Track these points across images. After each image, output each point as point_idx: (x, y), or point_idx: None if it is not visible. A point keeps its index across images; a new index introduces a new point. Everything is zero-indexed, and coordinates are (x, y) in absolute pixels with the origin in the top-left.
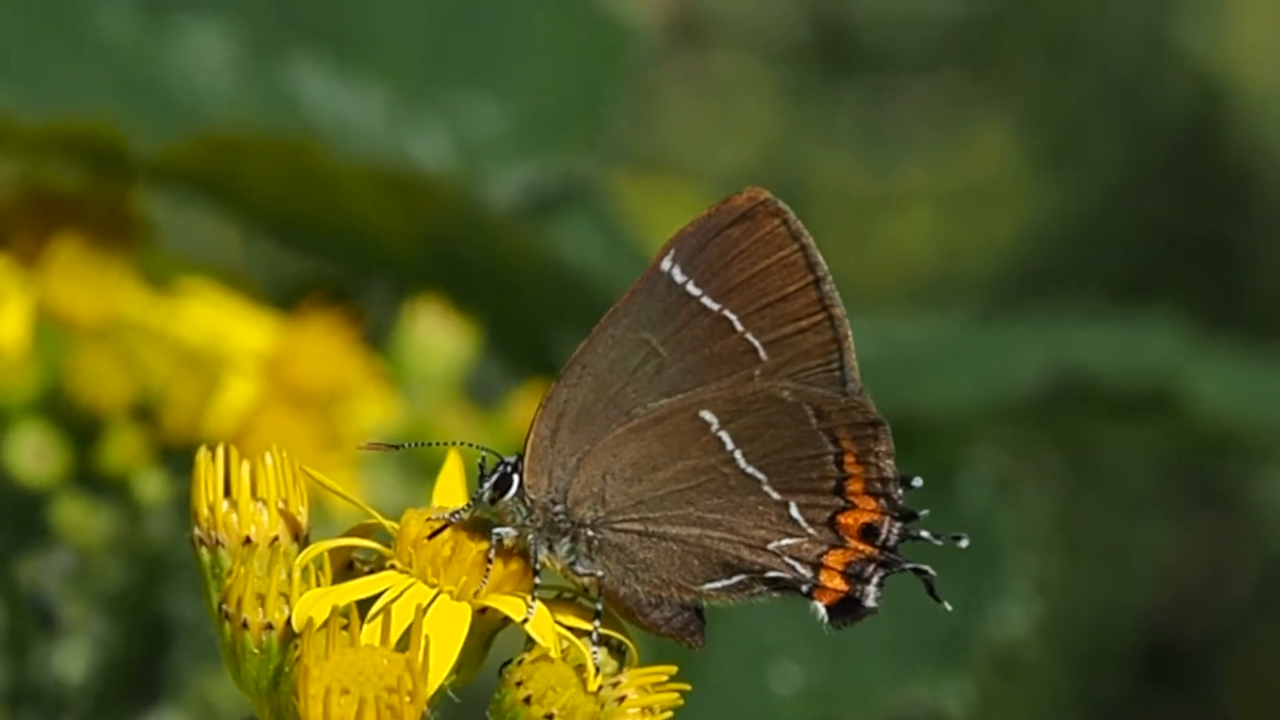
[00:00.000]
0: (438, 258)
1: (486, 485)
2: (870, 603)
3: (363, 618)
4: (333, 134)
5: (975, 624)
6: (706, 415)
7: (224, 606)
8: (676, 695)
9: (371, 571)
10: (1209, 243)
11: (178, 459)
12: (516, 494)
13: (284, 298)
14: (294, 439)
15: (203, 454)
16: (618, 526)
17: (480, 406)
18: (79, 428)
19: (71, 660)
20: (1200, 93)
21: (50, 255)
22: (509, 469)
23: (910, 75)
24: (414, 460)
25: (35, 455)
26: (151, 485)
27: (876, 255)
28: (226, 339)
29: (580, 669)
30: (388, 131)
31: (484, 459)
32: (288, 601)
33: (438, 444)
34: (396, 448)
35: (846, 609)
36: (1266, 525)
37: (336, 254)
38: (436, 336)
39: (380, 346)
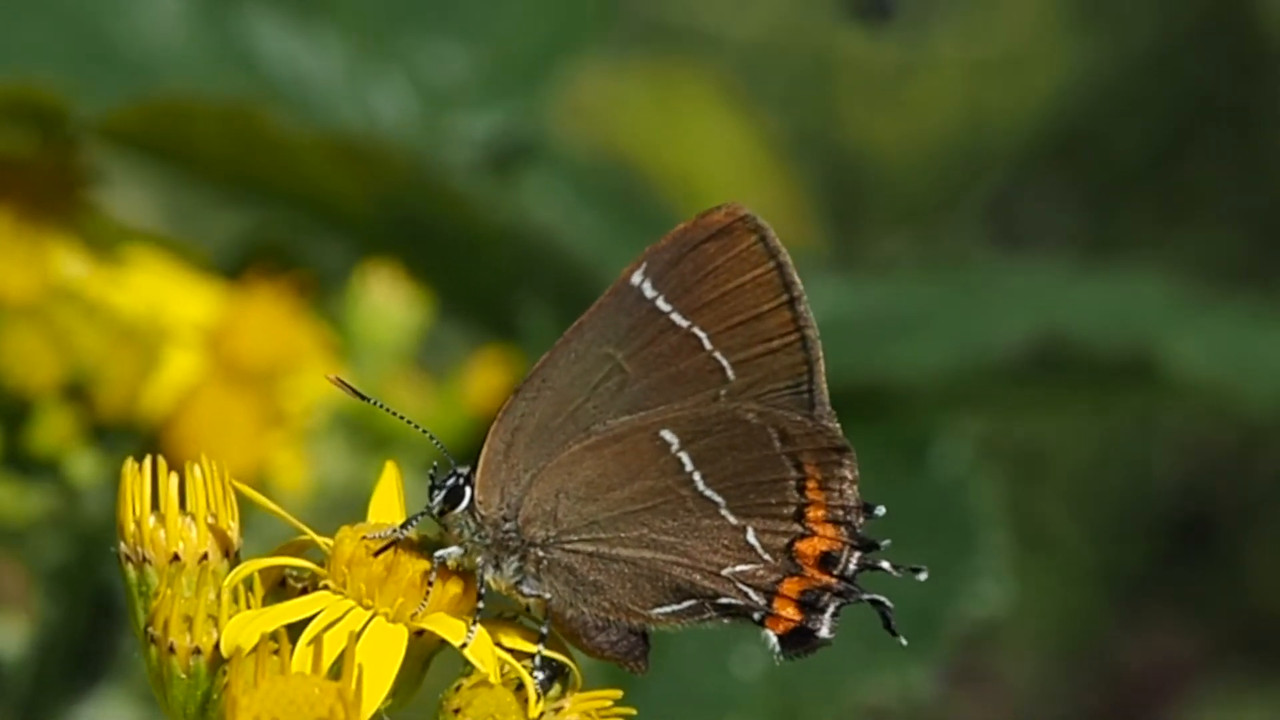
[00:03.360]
0: (393, 223)
1: (438, 497)
2: (824, 633)
3: (296, 640)
4: (289, 89)
5: (946, 605)
6: (667, 435)
7: (150, 630)
8: None
9: (304, 590)
10: (1238, 108)
11: (114, 438)
12: (467, 508)
13: (231, 264)
14: (234, 416)
15: (129, 466)
16: (569, 547)
17: (435, 373)
18: (8, 409)
19: (9, 638)
20: None
21: None
22: (461, 481)
23: None
24: (362, 433)
25: None
26: (85, 466)
27: (903, 125)
28: (168, 310)
29: (522, 694)
30: (347, 84)
31: (434, 468)
32: (216, 624)
33: (399, 416)
34: (364, 398)
35: (799, 639)
36: None
37: (288, 218)
38: (388, 304)
39: (331, 314)
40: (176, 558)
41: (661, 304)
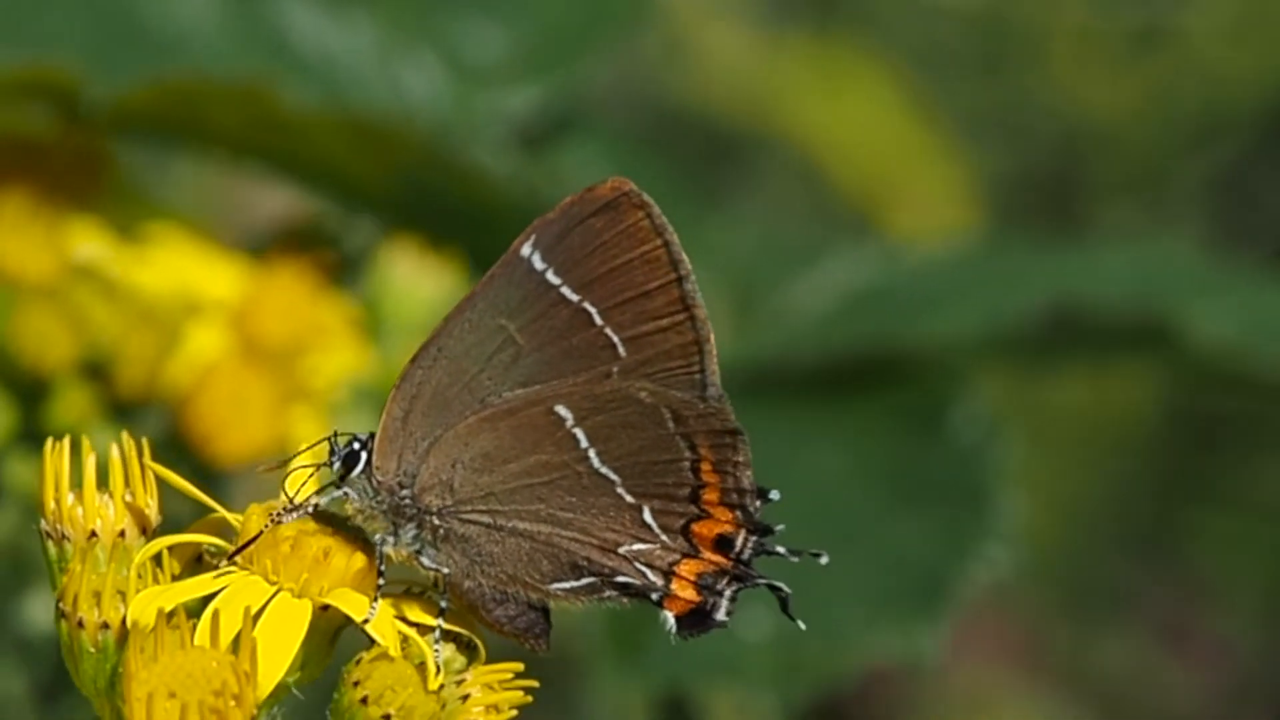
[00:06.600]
0: (414, 201)
1: (335, 460)
2: (721, 616)
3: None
4: (319, 70)
5: (955, 567)
6: (561, 410)
7: (60, 604)
8: (522, 693)
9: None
10: None
11: (135, 414)
12: (363, 472)
13: (257, 242)
14: (252, 393)
15: (49, 445)
16: (465, 517)
17: None
18: (26, 387)
19: (40, 611)
20: None
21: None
22: (358, 446)
23: None
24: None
25: None
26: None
27: (1131, 97)
28: (191, 287)
29: (423, 667)
30: (378, 65)
31: (335, 435)
32: (125, 600)
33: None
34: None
35: (696, 620)
36: None
37: (310, 194)
38: (414, 280)
39: (355, 290)
40: (94, 534)
41: (551, 277)
